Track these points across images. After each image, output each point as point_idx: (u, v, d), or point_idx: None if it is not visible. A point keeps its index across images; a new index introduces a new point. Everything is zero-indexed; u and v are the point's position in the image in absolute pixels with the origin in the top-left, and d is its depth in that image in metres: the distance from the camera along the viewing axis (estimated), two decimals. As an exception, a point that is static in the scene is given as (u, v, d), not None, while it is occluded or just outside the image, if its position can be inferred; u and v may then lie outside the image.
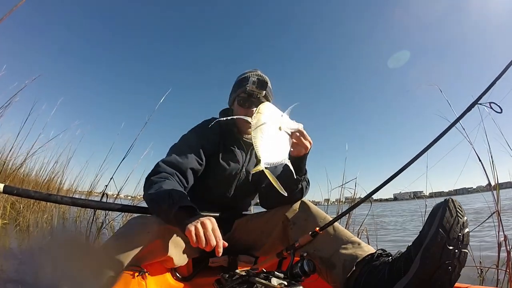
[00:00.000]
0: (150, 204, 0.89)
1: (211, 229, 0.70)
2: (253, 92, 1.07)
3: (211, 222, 0.72)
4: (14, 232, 2.55)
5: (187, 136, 1.14)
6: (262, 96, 1.09)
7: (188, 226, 0.70)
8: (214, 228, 0.71)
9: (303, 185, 0.96)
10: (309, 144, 0.83)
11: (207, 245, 0.68)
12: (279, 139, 0.71)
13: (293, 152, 0.83)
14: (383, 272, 0.68)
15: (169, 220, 0.79)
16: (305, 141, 0.81)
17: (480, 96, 0.80)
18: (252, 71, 1.19)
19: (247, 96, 1.09)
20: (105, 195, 1.89)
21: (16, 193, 0.81)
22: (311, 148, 0.86)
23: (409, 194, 3.62)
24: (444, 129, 0.81)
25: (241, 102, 1.11)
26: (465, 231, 0.59)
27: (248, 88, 1.06)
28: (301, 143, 0.81)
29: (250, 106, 1.09)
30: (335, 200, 2.80)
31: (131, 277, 0.70)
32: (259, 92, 1.07)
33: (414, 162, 0.84)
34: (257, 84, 1.06)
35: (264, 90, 1.08)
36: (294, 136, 0.77)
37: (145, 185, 0.94)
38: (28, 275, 1.39)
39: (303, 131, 0.79)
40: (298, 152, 0.85)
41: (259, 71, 1.19)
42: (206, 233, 0.69)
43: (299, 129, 0.78)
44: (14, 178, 3.05)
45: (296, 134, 0.78)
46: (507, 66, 0.77)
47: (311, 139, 0.83)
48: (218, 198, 1.14)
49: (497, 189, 1.30)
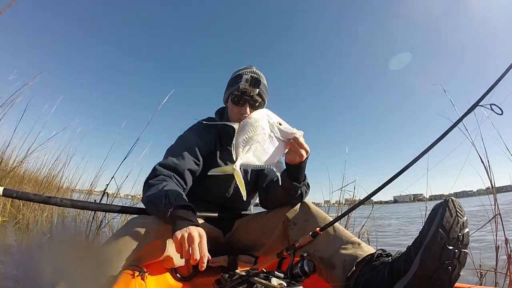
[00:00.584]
0: (148, 205, 0.89)
1: (198, 243, 0.69)
2: (246, 90, 1.05)
3: (200, 235, 0.71)
4: (14, 230, 2.56)
5: (182, 137, 1.14)
6: (256, 94, 1.07)
7: (176, 233, 0.70)
8: (201, 242, 0.70)
9: (302, 190, 0.96)
10: (305, 153, 0.80)
11: (191, 258, 0.68)
12: (264, 144, 0.70)
13: (287, 158, 0.82)
14: (383, 272, 0.68)
15: (166, 220, 0.79)
16: (300, 150, 0.78)
17: (481, 98, 0.80)
18: (247, 67, 1.18)
19: (240, 94, 1.07)
20: (105, 194, 1.89)
21: (16, 196, 0.81)
22: (309, 156, 0.84)
23: (409, 196, 3.62)
24: (445, 130, 0.82)
25: (234, 100, 1.09)
26: (465, 231, 0.59)
27: (241, 86, 1.03)
28: (295, 151, 0.78)
29: (243, 104, 1.08)
30: (335, 202, 2.81)
31: (131, 277, 0.69)
32: (252, 90, 1.05)
33: (415, 164, 0.84)
34: (250, 82, 1.02)
35: (258, 88, 1.05)
36: (288, 143, 0.75)
37: (144, 189, 0.94)
38: (27, 274, 1.39)
39: (299, 139, 0.76)
40: (292, 160, 0.82)
41: (254, 68, 1.18)
42: (192, 245, 0.68)
43: (295, 136, 0.75)
44: (14, 176, 3.05)
45: (291, 141, 0.75)
46: (509, 67, 0.78)
47: (313, 142, 0.82)
48: (217, 198, 1.14)
49: (494, 192, 1.30)
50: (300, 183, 0.94)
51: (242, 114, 1.08)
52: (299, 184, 0.93)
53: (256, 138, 0.69)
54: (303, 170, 0.92)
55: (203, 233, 0.73)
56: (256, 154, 0.69)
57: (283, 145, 0.74)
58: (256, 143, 0.69)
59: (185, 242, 0.68)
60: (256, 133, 0.69)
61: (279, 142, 0.73)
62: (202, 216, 1.04)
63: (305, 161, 0.87)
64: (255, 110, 1.10)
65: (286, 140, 0.75)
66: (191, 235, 0.69)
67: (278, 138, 0.73)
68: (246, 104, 1.08)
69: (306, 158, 0.83)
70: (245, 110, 1.08)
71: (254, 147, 0.68)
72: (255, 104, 1.09)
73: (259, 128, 0.70)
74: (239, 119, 1.08)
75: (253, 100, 1.08)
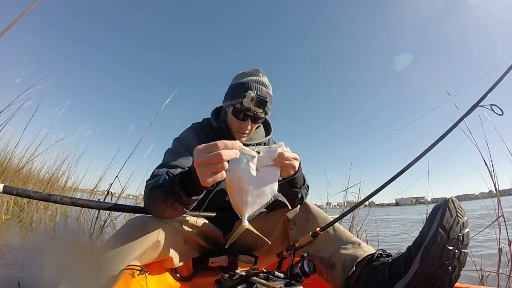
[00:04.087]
0: (150, 195, 0.83)
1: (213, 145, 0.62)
2: (250, 108, 0.99)
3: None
4: (17, 228, 2.57)
5: (179, 138, 1.11)
6: (260, 113, 1.03)
7: (197, 170, 0.63)
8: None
9: (302, 193, 0.95)
10: (295, 162, 0.75)
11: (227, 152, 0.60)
12: (257, 185, 0.65)
13: (282, 175, 0.76)
14: (383, 272, 0.67)
15: (175, 194, 0.73)
16: (289, 162, 0.72)
17: (481, 98, 0.80)
18: (253, 73, 1.10)
19: (243, 109, 1.01)
20: (109, 193, 1.89)
21: (16, 193, 0.81)
22: (300, 160, 0.81)
23: (411, 199, 3.60)
24: (445, 130, 0.81)
25: (236, 114, 1.04)
26: (465, 231, 0.59)
27: (245, 103, 0.98)
28: (286, 165, 0.73)
29: (244, 119, 1.04)
30: (337, 204, 2.80)
31: (131, 277, 0.69)
32: (257, 110, 1.00)
33: (417, 166, 0.84)
34: (256, 102, 0.97)
35: (263, 108, 1.01)
36: (276, 163, 0.69)
37: (144, 190, 0.91)
38: (28, 273, 1.40)
39: (283, 152, 0.69)
40: (287, 173, 0.78)
41: (260, 75, 1.09)
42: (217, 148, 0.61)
43: (278, 152, 0.69)
44: (19, 175, 3.08)
45: (278, 160, 0.69)
46: (509, 68, 0.77)
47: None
48: (217, 200, 1.14)
49: (498, 195, 1.29)
50: (300, 187, 0.93)
51: (242, 128, 1.06)
52: (299, 189, 0.93)
53: (245, 186, 0.64)
54: (300, 175, 0.90)
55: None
56: (256, 200, 0.65)
57: (273, 169, 0.69)
58: (249, 189, 0.64)
59: (210, 154, 0.61)
60: (244, 182, 0.64)
61: (269, 169, 0.68)
62: (202, 216, 1.04)
63: (299, 167, 0.84)
64: (256, 124, 1.09)
65: (273, 162, 0.69)
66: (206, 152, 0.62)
67: (266, 167, 0.68)
68: (248, 120, 1.05)
69: (299, 165, 0.81)
70: (246, 125, 1.05)
71: (250, 196, 0.64)
72: (257, 120, 1.07)
73: (243, 176, 0.64)
74: (238, 132, 1.08)
75: (256, 117, 1.05)
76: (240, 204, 0.65)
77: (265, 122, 1.24)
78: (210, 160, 0.61)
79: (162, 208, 0.79)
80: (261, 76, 1.09)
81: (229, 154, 0.61)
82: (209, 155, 0.61)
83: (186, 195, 0.73)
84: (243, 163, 0.64)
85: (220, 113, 1.19)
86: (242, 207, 0.65)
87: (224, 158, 0.60)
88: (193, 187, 0.72)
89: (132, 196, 3.19)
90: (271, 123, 1.25)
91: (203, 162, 0.62)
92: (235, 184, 0.64)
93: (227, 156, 0.60)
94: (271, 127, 1.25)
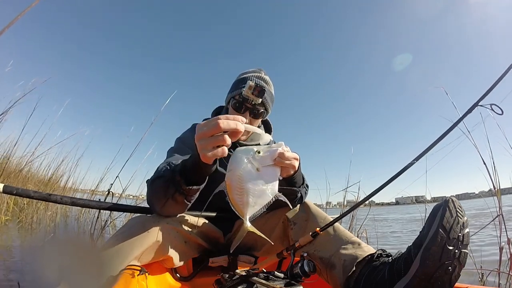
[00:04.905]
0: (151, 188, 0.82)
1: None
2: (248, 98, 0.99)
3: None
4: (17, 229, 2.57)
5: (181, 137, 1.13)
6: (258, 104, 1.03)
7: (199, 150, 0.63)
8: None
9: (302, 192, 0.95)
10: (295, 162, 0.75)
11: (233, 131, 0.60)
12: (257, 184, 0.64)
13: (282, 175, 0.76)
14: (383, 272, 0.67)
15: (176, 184, 0.73)
16: (289, 161, 0.71)
17: (481, 98, 0.80)
18: (255, 71, 1.13)
19: (241, 100, 1.03)
20: (110, 193, 1.89)
21: (16, 193, 0.81)
22: (300, 160, 0.80)
23: (411, 198, 3.60)
24: (445, 131, 0.81)
25: (235, 105, 1.05)
26: (465, 231, 0.59)
27: (243, 92, 0.97)
28: (286, 165, 0.72)
29: (244, 111, 1.05)
30: (337, 203, 2.81)
31: (131, 277, 0.69)
32: (255, 99, 0.99)
33: (418, 166, 0.84)
34: (254, 90, 0.96)
35: (261, 97, 1.00)
36: (276, 162, 0.68)
37: (147, 187, 0.91)
38: (28, 273, 1.40)
39: (283, 152, 0.68)
40: (287, 173, 0.77)
41: (262, 73, 1.12)
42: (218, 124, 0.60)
43: (278, 152, 0.68)
44: (18, 175, 3.08)
45: (278, 160, 0.68)
46: (509, 67, 0.77)
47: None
48: (218, 202, 1.14)
49: (498, 194, 1.29)
50: (299, 187, 0.93)
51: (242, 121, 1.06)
52: (298, 188, 0.93)
53: (246, 186, 0.63)
54: (300, 175, 0.90)
55: None
56: (257, 201, 0.64)
57: (274, 169, 0.68)
58: (250, 189, 0.63)
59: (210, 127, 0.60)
60: (244, 182, 0.63)
61: (269, 169, 0.67)
62: (202, 216, 1.04)
63: (299, 166, 0.83)
64: (256, 119, 1.09)
65: (273, 162, 0.68)
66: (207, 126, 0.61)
67: (266, 167, 0.66)
68: (247, 112, 1.05)
69: (298, 164, 0.80)
70: (245, 117, 1.05)
71: (251, 196, 0.63)
72: (257, 113, 1.06)
73: (244, 176, 0.63)
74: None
75: (255, 109, 1.05)
76: (241, 205, 0.64)
77: (266, 123, 1.25)
78: (209, 132, 0.61)
79: (163, 201, 0.78)
80: (262, 74, 1.11)
81: (228, 124, 0.60)
82: (208, 126, 0.61)
83: (187, 184, 0.73)
84: (243, 163, 0.63)
85: (220, 113, 1.20)
86: (243, 208, 0.64)
87: (222, 127, 0.59)
88: (194, 173, 0.72)
89: (132, 196, 3.20)
90: (271, 124, 1.26)
91: (203, 134, 0.62)
92: (236, 184, 0.63)
93: (226, 125, 0.60)
94: (272, 128, 1.26)
